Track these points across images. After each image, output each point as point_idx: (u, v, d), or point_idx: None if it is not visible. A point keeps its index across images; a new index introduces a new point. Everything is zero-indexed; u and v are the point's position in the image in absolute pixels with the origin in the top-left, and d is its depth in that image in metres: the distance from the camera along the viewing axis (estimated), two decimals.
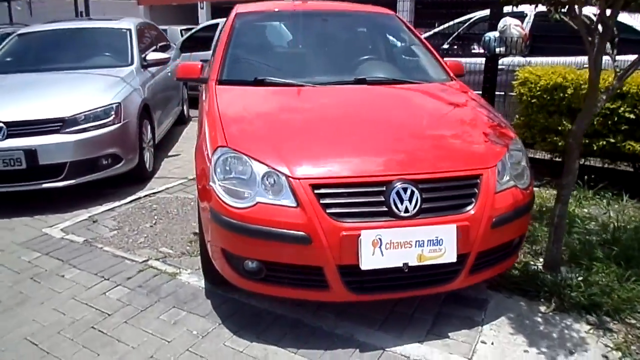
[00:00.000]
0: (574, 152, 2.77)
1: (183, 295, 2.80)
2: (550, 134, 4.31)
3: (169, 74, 6.02)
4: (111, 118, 4.19)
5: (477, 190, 2.31)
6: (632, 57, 2.98)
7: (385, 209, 2.19)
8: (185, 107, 7.20)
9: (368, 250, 2.14)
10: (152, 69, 5.33)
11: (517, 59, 5.53)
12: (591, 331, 2.45)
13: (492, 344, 2.36)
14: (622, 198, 3.95)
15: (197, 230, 3.66)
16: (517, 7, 3.09)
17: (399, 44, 3.70)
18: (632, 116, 3.91)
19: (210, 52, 8.47)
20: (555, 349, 2.33)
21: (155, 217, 3.93)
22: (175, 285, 2.90)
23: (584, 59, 5.19)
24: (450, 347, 2.33)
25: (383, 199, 2.20)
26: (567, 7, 2.80)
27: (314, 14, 3.82)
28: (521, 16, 5.70)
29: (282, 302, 2.62)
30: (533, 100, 4.32)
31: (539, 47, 5.70)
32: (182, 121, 7.00)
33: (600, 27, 2.58)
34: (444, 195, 2.28)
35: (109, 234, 3.62)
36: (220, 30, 8.73)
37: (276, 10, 3.86)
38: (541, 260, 3.05)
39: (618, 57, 2.79)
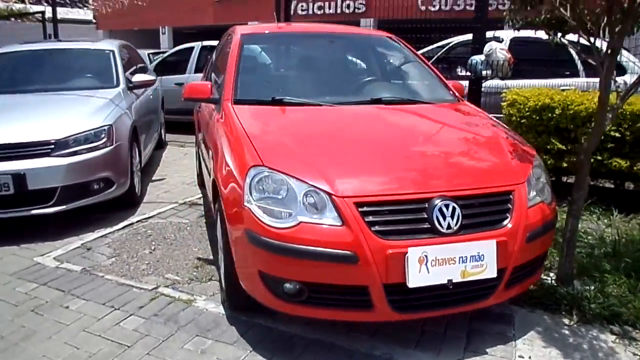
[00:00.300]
0: (585, 168, 2.88)
1: (204, 322, 2.67)
2: (540, 153, 4.44)
3: (151, 96, 5.88)
4: (103, 140, 4.02)
5: (511, 206, 2.35)
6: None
7: (428, 225, 2.19)
8: (162, 131, 7.04)
9: (415, 267, 2.12)
10: (137, 91, 5.19)
11: (496, 82, 5.75)
12: (617, 341, 2.52)
13: (530, 358, 2.38)
14: (612, 213, 4.12)
15: (200, 256, 3.55)
16: (518, 30, 3.22)
17: (403, 65, 3.76)
18: (617, 134, 4.12)
19: (186, 75, 8.46)
20: None
21: (153, 243, 3.76)
22: (193, 312, 2.77)
23: (558, 81, 5.57)
24: None
25: (425, 216, 2.20)
26: (565, 32, 2.98)
27: (319, 36, 3.85)
28: (498, 41, 5.96)
29: (311, 324, 2.55)
30: (522, 121, 4.47)
31: (515, 70, 5.98)
32: (160, 145, 6.83)
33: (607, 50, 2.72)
34: (482, 211, 2.31)
35: (107, 262, 3.44)
36: (209, 52, 8.62)
37: (282, 31, 3.86)
38: (552, 274, 3.12)
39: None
